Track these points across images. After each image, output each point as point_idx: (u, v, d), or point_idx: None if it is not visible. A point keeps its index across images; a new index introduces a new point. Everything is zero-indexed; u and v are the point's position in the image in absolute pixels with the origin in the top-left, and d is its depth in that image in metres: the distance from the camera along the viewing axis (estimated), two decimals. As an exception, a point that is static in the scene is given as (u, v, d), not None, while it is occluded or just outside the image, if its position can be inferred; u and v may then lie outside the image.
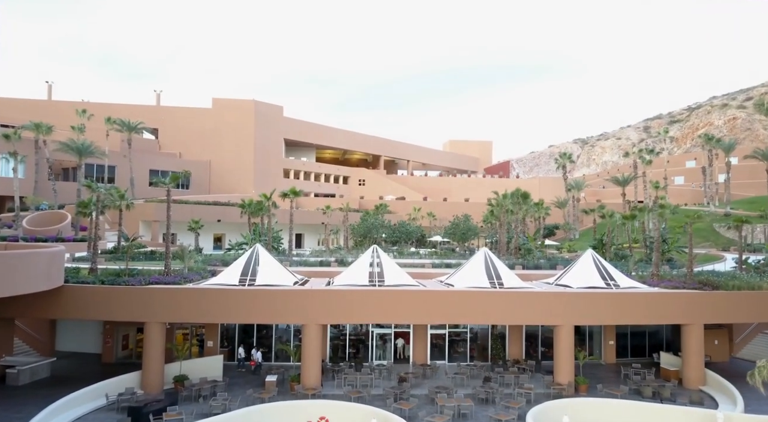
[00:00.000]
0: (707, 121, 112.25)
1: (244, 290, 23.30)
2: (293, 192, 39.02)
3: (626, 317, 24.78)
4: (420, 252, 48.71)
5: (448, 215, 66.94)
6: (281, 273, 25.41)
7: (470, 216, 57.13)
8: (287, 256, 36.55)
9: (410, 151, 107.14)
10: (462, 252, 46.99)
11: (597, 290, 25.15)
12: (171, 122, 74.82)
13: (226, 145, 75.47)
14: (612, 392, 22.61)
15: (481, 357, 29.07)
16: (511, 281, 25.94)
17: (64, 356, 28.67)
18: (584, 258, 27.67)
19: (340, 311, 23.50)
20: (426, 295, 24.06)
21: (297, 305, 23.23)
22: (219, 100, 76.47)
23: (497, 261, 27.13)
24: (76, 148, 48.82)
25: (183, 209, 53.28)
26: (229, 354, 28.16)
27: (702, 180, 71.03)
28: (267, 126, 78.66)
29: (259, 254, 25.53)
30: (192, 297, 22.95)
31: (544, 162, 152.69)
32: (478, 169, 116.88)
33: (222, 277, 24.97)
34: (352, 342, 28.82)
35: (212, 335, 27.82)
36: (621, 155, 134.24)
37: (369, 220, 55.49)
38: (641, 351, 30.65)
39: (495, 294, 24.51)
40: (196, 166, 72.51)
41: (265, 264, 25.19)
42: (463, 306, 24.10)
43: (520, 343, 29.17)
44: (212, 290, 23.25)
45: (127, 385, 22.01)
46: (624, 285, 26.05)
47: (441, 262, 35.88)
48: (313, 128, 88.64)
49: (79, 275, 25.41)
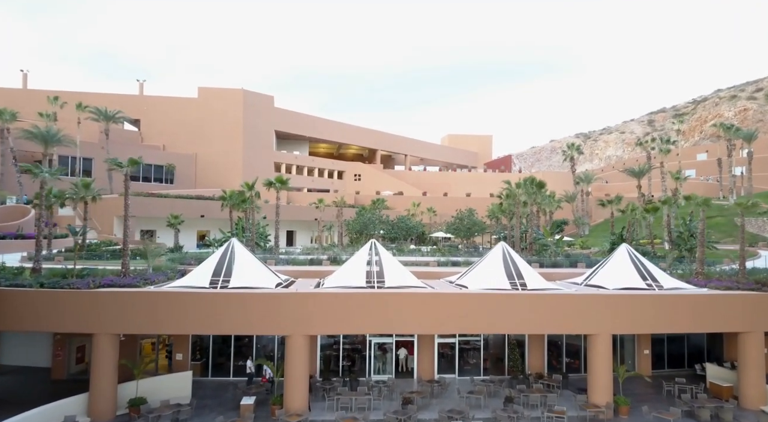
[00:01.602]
0: (716, 112, 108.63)
1: (213, 294, 19.11)
2: (280, 181, 34.81)
3: (674, 324, 20.75)
4: (422, 249, 44.62)
5: (449, 210, 62.94)
6: (261, 274, 21.27)
7: (475, 211, 53.03)
8: (273, 254, 32.35)
9: (408, 146, 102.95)
10: (468, 250, 42.89)
11: (637, 291, 21.15)
12: (154, 113, 70.29)
13: (213, 137, 71.07)
14: (662, 416, 18.61)
15: (496, 370, 25.05)
16: (535, 281, 21.88)
17: (9, 371, 24.51)
18: (619, 255, 23.61)
19: (331, 319, 19.34)
20: (436, 299, 19.96)
21: (278, 312, 19.08)
22: (205, 89, 72.00)
23: (517, 257, 23.06)
24: (41, 135, 44.41)
25: (162, 203, 49.00)
26: (202, 368, 23.99)
27: (718, 172, 67.24)
28: (256, 117, 74.29)
29: (234, 250, 21.38)
30: (149, 302, 18.71)
31: (546, 157, 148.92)
32: (478, 164, 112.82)
33: (189, 279, 20.77)
34: (347, 353, 24.69)
35: (181, 346, 23.63)
36: (625, 149, 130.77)
37: (365, 216, 51.34)
38: (679, 360, 26.65)
39: (518, 297, 20.44)
40: (180, 159, 68.10)
41: (243, 263, 21.04)
42: (480, 312, 20.03)
43: (541, 353, 25.13)
44: (174, 294, 19.05)
45: (69, 412, 17.81)
46: (668, 286, 22.05)
47: (447, 260, 31.80)
48: (306, 120, 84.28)
49: (21, 276, 21.28)
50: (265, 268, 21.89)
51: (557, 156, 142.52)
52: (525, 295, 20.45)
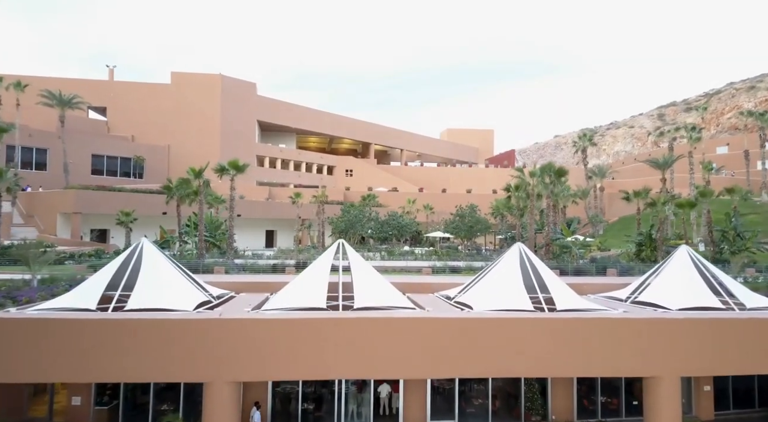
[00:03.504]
0: (734, 104, 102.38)
1: (94, 321, 12.81)
2: (234, 166, 28.57)
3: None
4: (415, 251, 38.43)
5: (448, 208, 56.71)
6: (179, 289, 15.00)
7: (477, 207, 46.76)
8: (227, 257, 26.09)
9: (404, 140, 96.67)
10: (470, 252, 36.73)
11: (712, 313, 14.93)
12: (123, 100, 63.88)
13: (189, 127, 64.68)
14: None
15: (508, 413, 18.72)
16: (566, 298, 15.65)
17: None
18: (678, 260, 17.35)
19: (271, 358, 13.08)
20: (427, 327, 13.71)
21: (191, 348, 12.81)
22: (179, 74, 65.60)
23: (540, 264, 16.83)
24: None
25: (116, 199, 42.65)
26: (110, 415, 17.68)
27: (742, 166, 60.96)
28: (237, 105, 67.93)
29: (142, 256, 15.13)
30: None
31: (550, 153, 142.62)
32: (479, 160, 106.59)
33: (70, 297, 14.46)
34: (310, 393, 18.40)
35: (79, 385, 17.30)
36: (635, 144, 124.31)
37: (352, 213, 45.05)
38: (748, 399, 20.38)
39: (545, 323, 14.18)
40: (151, 151, 61.68)
41: (152, 274, 14.78)
42: (491, 346, 13.78)
43: (569, 391, 18.78)
44: (27, 322, 12.73)
45: None
46: (752, 304, 15.83)
47: (444, 265, 25.63)
48: (293, 110, 77.89)
49: None
50: (186, 280, 15.58)
51: (562, 152, 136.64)
52: (555, 320, 14.20)
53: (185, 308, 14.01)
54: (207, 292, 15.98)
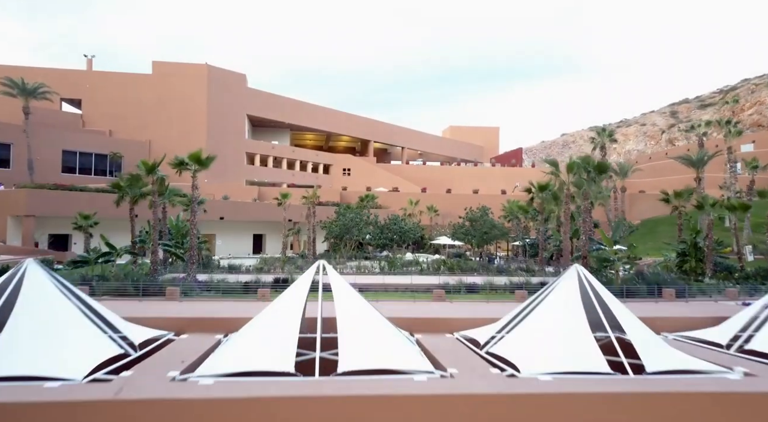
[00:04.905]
0: (755, 99, 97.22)
1: None
2: (195, 159, 23.56)
3: None
4: (420, 260, 33.32)
5: (454, 209, 51.71)
6: (75, 337, 9.90)
7: (489, 209, 41.56)
8: (187, 274, 20.97)
9: (405, 137, 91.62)
10: (485, 263, 31.62)
11: None
12: (100, 92, 58.82)
13: (172, 120, 59.67)
14: None
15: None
16: (656, 351, 10.54)
17: None
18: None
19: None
20: (455, 408, 8.54)
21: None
22: (162, 63, 60.53)
23: (610, 297, 11.75)
24: None
25: (78, 199, 37.53)
26: None
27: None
28: (225, 98, 62.87)
29: (23, 282, 10.07)
30: None
31: (557, 152, 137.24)
32: (484, 158, 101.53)
33: None
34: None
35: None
36: (648, 142, 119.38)
37: (347, 216, 39.97)
38: None
39: (632, 398, 9.03)
40: (130, 147, 56.57)
41: (31, 314, 9.70)
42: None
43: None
44: None
45: None
46: None
47: (459, 283, 20.51)
48: (287, 104, 72.83)
49: None
50: (90, 323, 10.43)
51: (569, 150, 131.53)
52: (651, 396, 9.04)
53: (72, 376, 8.87)
54: (124, 340, 10.84)
